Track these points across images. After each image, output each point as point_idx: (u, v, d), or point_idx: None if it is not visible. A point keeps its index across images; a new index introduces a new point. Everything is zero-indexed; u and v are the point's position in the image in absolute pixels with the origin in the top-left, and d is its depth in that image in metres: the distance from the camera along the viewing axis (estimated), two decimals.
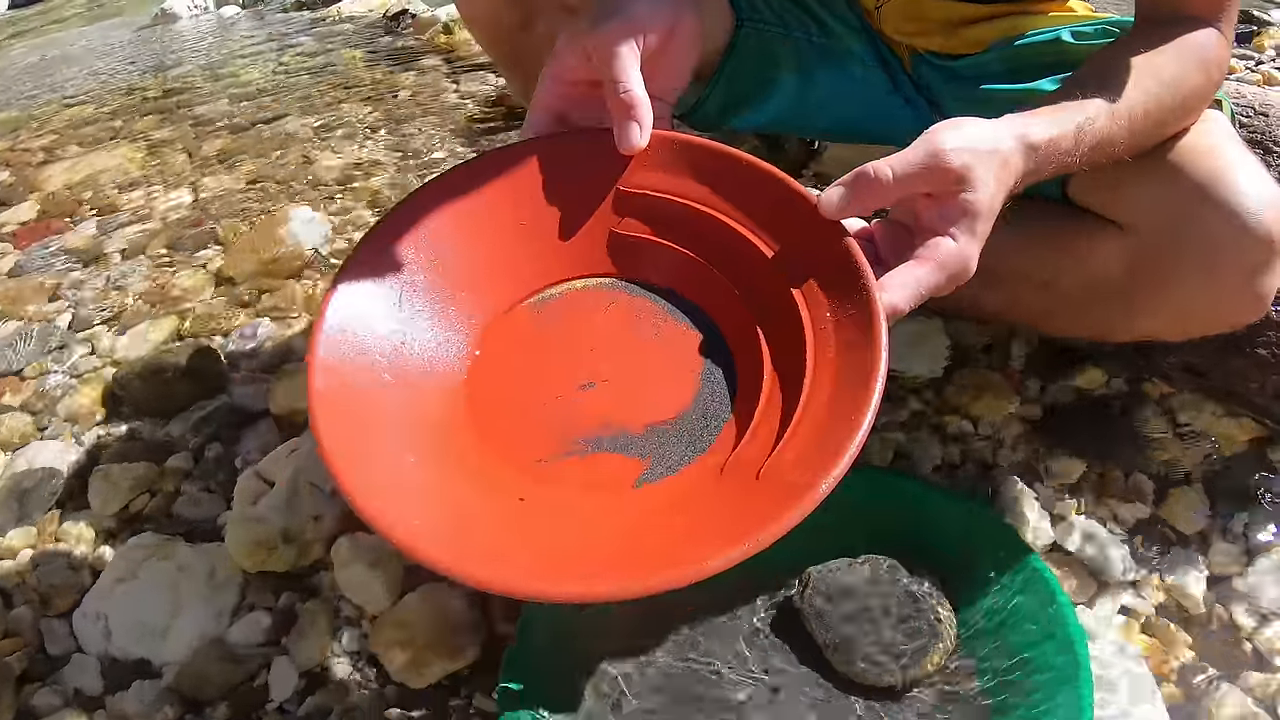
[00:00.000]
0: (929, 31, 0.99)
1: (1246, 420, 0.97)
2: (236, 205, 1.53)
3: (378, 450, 0.55)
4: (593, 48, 0.65)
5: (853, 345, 0.57)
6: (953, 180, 0.60)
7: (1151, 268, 0.79)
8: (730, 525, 0.50)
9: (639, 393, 0.62)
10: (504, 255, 0.66)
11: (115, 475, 1.01)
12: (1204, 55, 0.77)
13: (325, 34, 2.33)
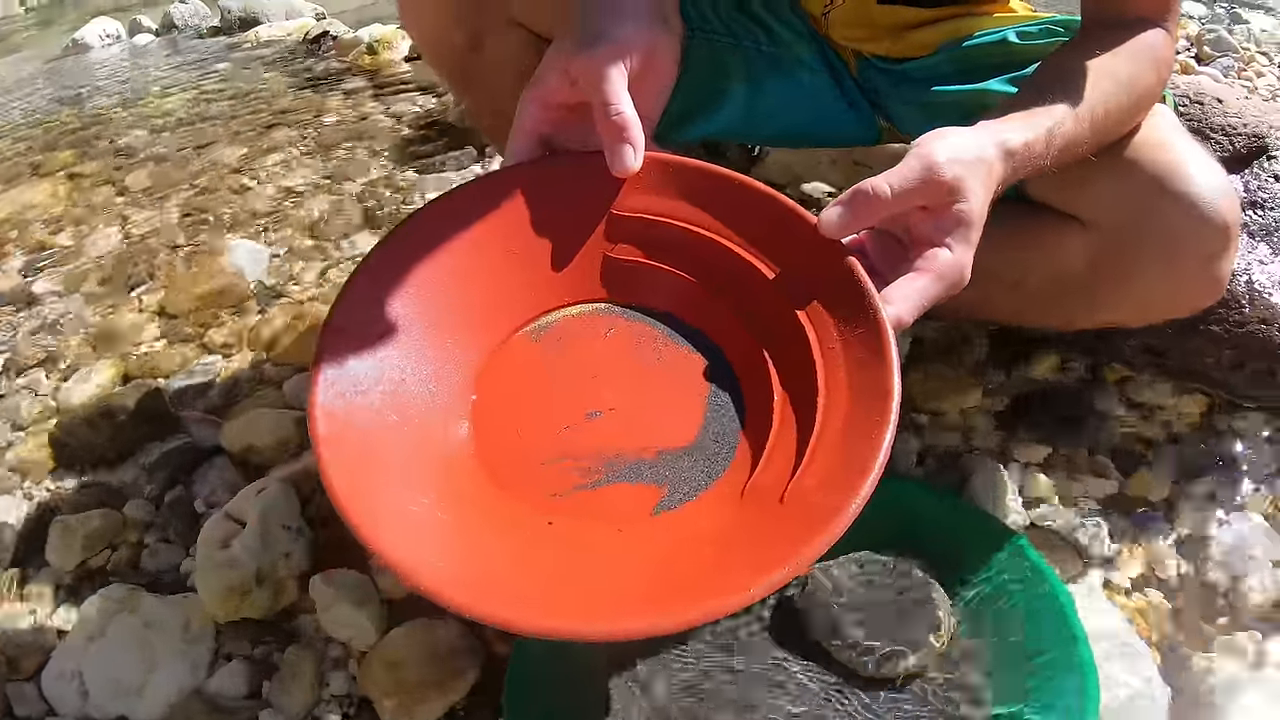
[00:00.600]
0: (877, 36, 0.99)
1: (1199, 395, 1.00)
2: (170, 239, 1.46)
3: (391, 494, 0.52)
4: (580, 70, 0.63)
5: (863, 364, 0.56)
6: (946, 192, 0.60)
7: (1114, 260, 0.81)
8: (762, 551, 0.49)
9: (647, 419, 0.60)
10: (497, 284, 0.64)
11: (73, 527, 0.95)
12: (1155, 55, 0.78)
13: (244, 59, 2.25)
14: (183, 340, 1.22)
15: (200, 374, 1.15)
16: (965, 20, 0.97)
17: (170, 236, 1.47)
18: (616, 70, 0.62)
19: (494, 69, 0.92)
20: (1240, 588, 0.84)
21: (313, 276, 1.33)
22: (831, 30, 1.01)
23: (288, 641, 0.84)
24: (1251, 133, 1.08)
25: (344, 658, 0.82)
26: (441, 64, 0.95)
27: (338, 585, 0.85)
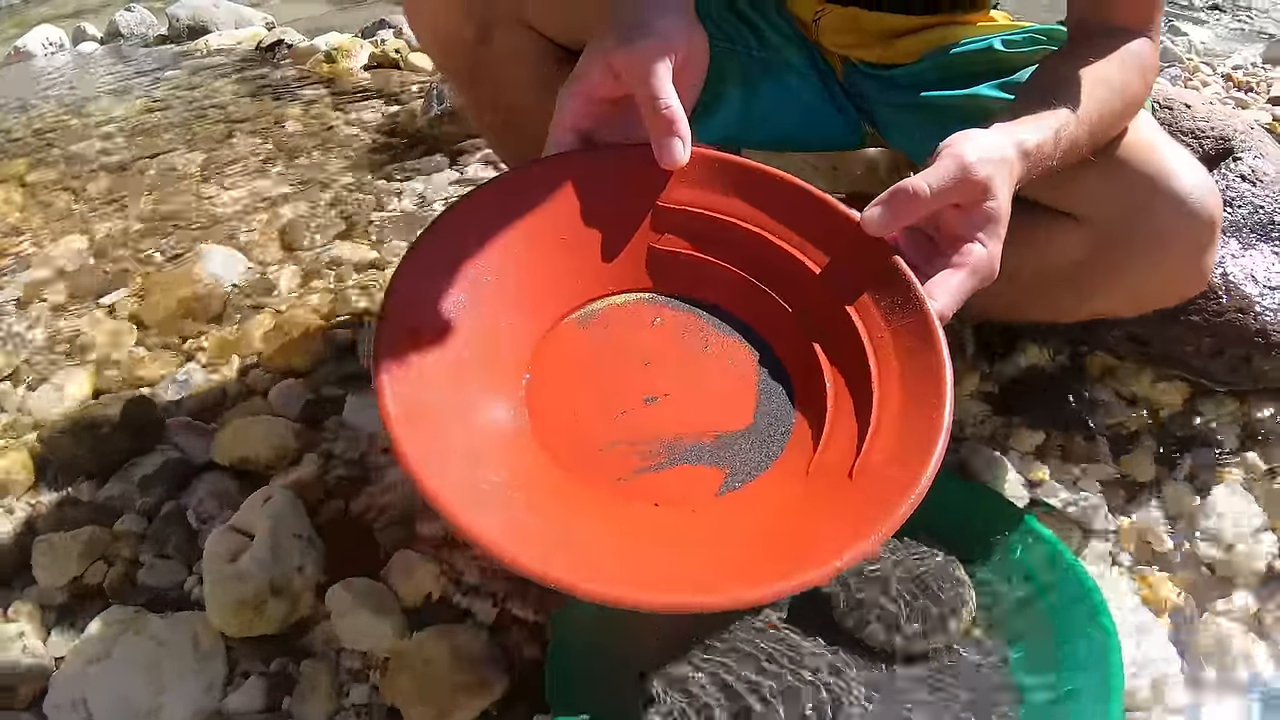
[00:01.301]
0: (866, 43, 1.00)
1: (1180, 382, 1.03)
2: (137, 247, 1.38)
3: (464, 473, 0.50)
4: (624, 64, 0.61)
5: (914, 351, 0.57)
6: (979, 191, 0.61)
7: (1107, 253, 0.83)
8: (842, 524, 0.49)
9: (702, 404, 0.59)
10: (545, 271, 0.61)
11: (60, 545, 0.88)
12: (1141, 63, 0.81)
13: (195, 67, 2.16)
14: (161, 349, 1.15)
15: (182, 383, 1.09)
16: (950, 29, 0.98)
17: (137, 244, 1.39)
18: (663, 64, 0.61)
19: (502, 64, 0.90)
20: (1230, 555, 0.87)
21: (289, 284, 1.27)
22: (821, 36, 1.00)
23: (302, 655, 0.79)
24: (1218, 135, 1.11)
25: (363, 668, 0.78)
26: (448, 58, 0.92)
27: (357, 594, 0.80)
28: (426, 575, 0.84)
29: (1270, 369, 1.00)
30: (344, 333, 1.15)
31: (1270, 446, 0.98)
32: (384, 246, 1.35)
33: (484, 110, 0.98)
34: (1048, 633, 0.73)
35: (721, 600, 0.45)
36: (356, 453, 0.98)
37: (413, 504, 0.91)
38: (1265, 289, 1.02)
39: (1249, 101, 1.77)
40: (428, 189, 1.52)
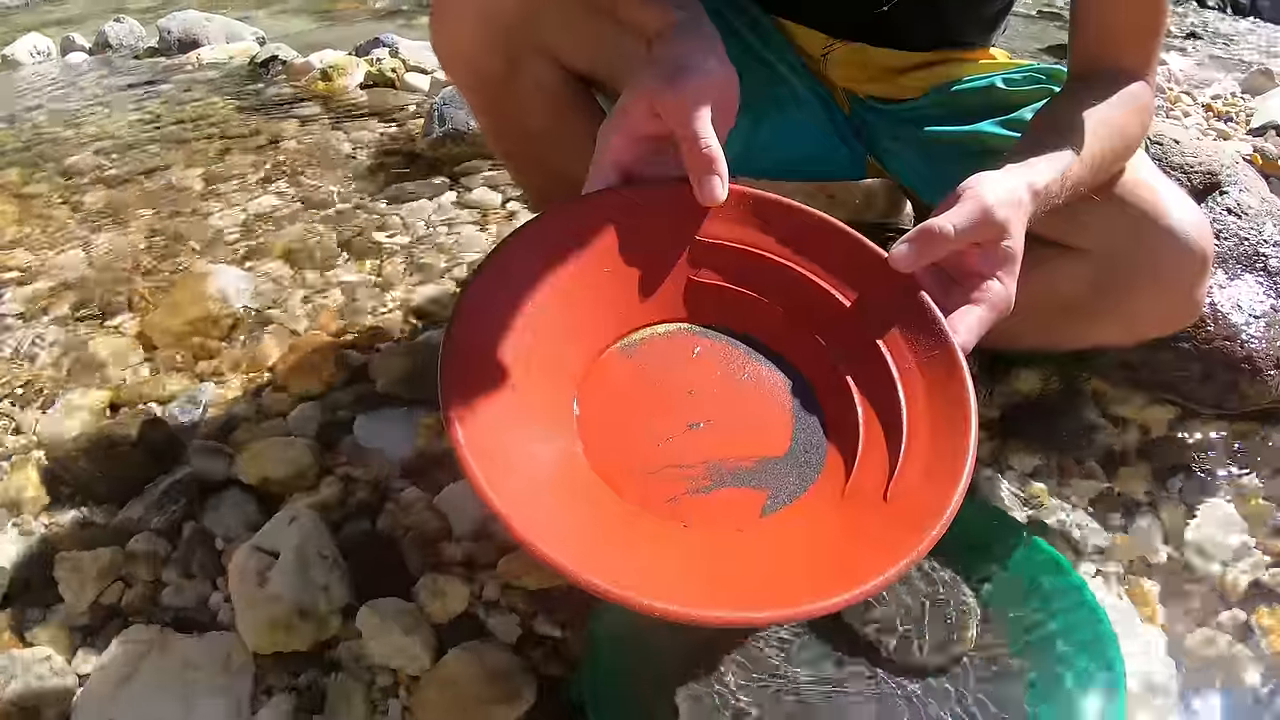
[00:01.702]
0: (872, 78, 1.04)
1: (1170, 406, 1.09)
2: (140, 263, 1.40)
3: (527, 494, 0.53)
4: (666, 105, 0.65)
5: (939, 382, 0.61)
6: (999, 232, 0.66)
7: (1106, 285, 0.88)
8: (886, 540, 0.53)
9: (742, 430, 0.63)
10: (594, 302, 0.65)
11: (84, 564, 0.89)
12: (1140, 105, 0.86)
13: (188, 82, 2.17)
14: (172, 368, 1.17)
15: (196, 403, 1.10)
16: (953, 66, 1.03)
17: (139, 261, 1.40)
18: (704, 106, 0.65)
19: (526, 94, 0.93)
20: (1220, 570, 0.92)
21: (298, 304, 1.29)
22: (829, 70, 1.05)
23: (330, 672, 0.81)
24: (1206, 170, 1.17)
25: (393, 685, 0.80)
26: (473, 87, 0.95)
27: (385, 614, 0.83)
28: (454, 595, 0.86)
29: (1255, 393, 1.05)
30: (356, 354, 1.18)
31: (1257, 466, 1.03)
32: (390, 268, 1.38)
33: (506, 139, 1.01)
34: (1053, 647, 0.77)
35: (783, 614, 0.50)
36: (375, 475, 1.00)
37: (435, 525, 0.94)
38: (1250, 317, 1.08)
39: (1229, 132, 1.84)
40: (431, 210, 1.54)
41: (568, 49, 0.92)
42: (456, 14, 0.90)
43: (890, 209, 1.39)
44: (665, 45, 0.70)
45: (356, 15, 3.35)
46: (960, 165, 0.76)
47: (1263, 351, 1.06)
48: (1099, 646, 0.76)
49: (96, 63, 2.36)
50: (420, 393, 1.11)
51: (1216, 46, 2.99)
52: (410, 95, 2.06)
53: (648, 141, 0.67)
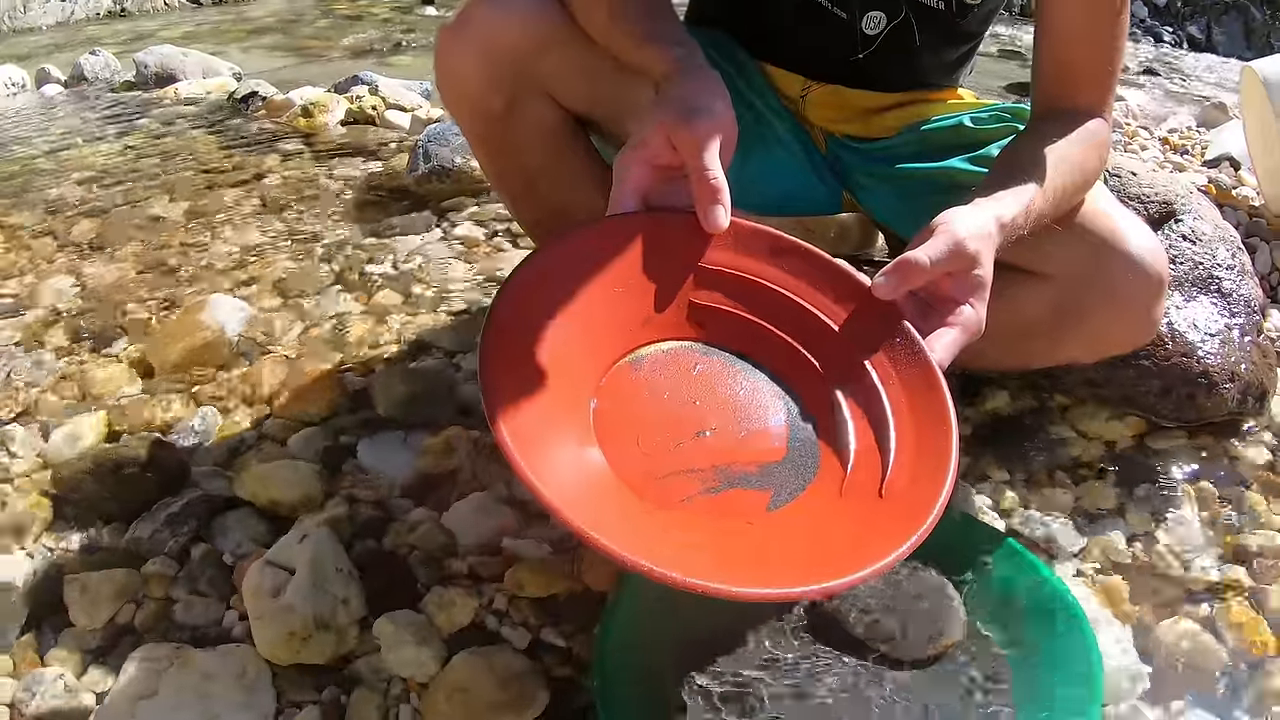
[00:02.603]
0: (848, 118, 1.13)
1: (1133, 419, 1.18)
2: (132, 293, 1.45)
3: (591, 506, 0.60)
4: (682, 139, 0.73)
5: (920, 393, 0.70)
6: (970, 262, 0.74)
7: (1070, 308, 0.97)
8: (884, 531, 0.61)
9: (744, 437, 0.70)
10: (605, 319, 0.72)
11: (94, 585, 0.94)
12: (1097, 141, 0.95)
13: (166, 116, 2.23)
14: (170, 395, 1.21)
15: (198, 429, 1.15)
16: (924, 105, 1.12)
17: (131, 291, 1.45)
18: (714, 141, 0.73)
19: (525, 132, 1.01)
20: (1184, 569, 1.01)
21: (294, 333, 1.35)
22: (807, 111, 1.14)
23: (348, 684, 0.86)
24: (1161, 200, 1.27)
25: (404, 693, 0.85)
26: (475, 126, 1.02)
27: (400, 625, 0.88)
28: (462, 606, 0.92)
29: (1212, 405, 1.15)
30: (355, 379, 1.23)
31: (1215, 473, 1.12)
32: (382, 299, 1.44)
33: (505, 174, 1.08)
34: (1034, 642, 0.84)
35: (796, 592, 0.58)
36: (379, 495, 1.06)
37: (441, 540, 0.99)
38: (1206, 335, 1.17)
39: (1185, 164, 1.96)
40: (419, 244, 1.61)
41: (567, 89, 0.99)
42: (461, 54, 0.97)
43: (864, 241, 1.48)
44: (676, 85, 0.78)
45: (330, 53, 3.43)
46: (931, 200, 0.84)
47: (1218, 367, 1.15)
48: (1077, 639, 0.83)
49: (72, 96, 2.41)
50: (419, 416, 1.17)
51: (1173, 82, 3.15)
52: (391, 132, 2.14)
53: (662, 171, 0.75)
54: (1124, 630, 0.93)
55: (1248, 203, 1.76)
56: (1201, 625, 0.94)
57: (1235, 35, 4.86)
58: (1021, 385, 1.23)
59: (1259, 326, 1.28)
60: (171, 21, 4.52)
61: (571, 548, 0.99)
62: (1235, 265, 1.28)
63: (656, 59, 0.83)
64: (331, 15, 4.66)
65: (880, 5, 1.03)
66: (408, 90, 2.30)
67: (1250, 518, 1.08)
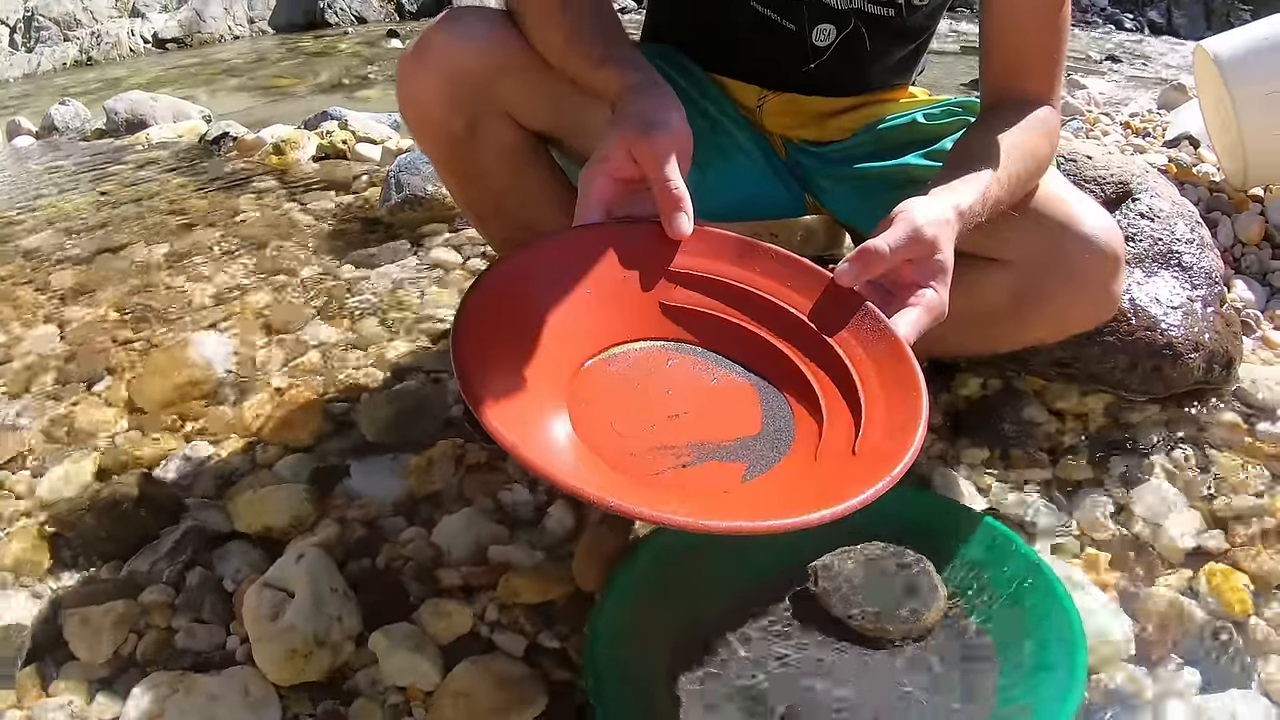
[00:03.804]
0: (804, 124, 1.18)
1: (1102, 395, 1.23)
2: (116, 335, 1.48)
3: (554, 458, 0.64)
4: (643, 152, 0.77)
5: (887, 364, 0.73)
6: (930, 248, 0.78)
7: (1033, 289, 1.01)
8: (857, 479, 0.63)
9: (718, 418, 0.74)
10: (577, 321, 0.75)
11: (95, 619, 0.97)
12: (1048, 129, 0.99)
13: (140, 161, 2.27)
14: (161, 431, 1.25)
15: (189, 462, 1.19)
16: (878, 106, 1.17)
17: (115, 333, 1.49)
18: (673, 154, 0.78)
19: (487, 153, 1.05)
20: (1162, 537, 1.05)
21: (278, 365, 1.39)
22: (765, 120, 1.18)
23: (349, 697, 0.89)
24: (1118, 180, 1.32)
25: (405, 702, 0.89)
26: (439, 150, 1.06)
27: (394, 637, 0.91)
28: (458, 616, 0.95)
29: (1179, 375, 1.19)
30: (340, 407, 1.27)
31: (1187, 442, 1.17)
32: (363, 327, 1.48)
33: (470, 194, 1.12)
34: (1014, 613, 0.88)
35: (777, 525, 0.59)
36: (370, 515, 1.09)
37: (432, 554, 1.03)
38: (1168, 309, 1.22)
39: (1146, 146, 2.02)
40: (396, 272, 1.65)
41: (526, 110, 1.03)
42: (421, 80, 1.01)
43: (830, 242, 1.53)
44: (632, 103, 0.83)
45: (297, 90, 3.48)
46: (889, 196, 0.88)
47: (1182, 338, 1.20)
48: (1057, 611, 0.86)
49: (44, 146, 2.45)
50: (405, 437, 1.21)
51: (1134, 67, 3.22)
52: (362, 165, 2.18)
53: (625, 184, 0.79)
54: (1106, 598, 0.97)
55: (1208, 179, 1.82)
56: (1182, 590, 0.98)
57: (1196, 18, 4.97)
58: (991, 370, 1.27)
59: (1222, 297, 1.33)
60: (138, 67, 4.58)
61: (563, 553, 1.02)
62: (1195, 239, 1.33)
63: (613, 79, 0.88)
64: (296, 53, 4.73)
65: (829, 18, 1.08)
66: (377, 123, 2.35)
67: (1224, 482, 1.12)
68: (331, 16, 6.05)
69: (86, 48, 5.15)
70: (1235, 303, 1.44)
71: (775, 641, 0.87)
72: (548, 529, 1.07)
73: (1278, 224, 1.65)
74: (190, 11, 5.64)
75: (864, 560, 0.91)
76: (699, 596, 0.90)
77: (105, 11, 5.41)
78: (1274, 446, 1.17)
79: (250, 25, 5.89)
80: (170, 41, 5.47)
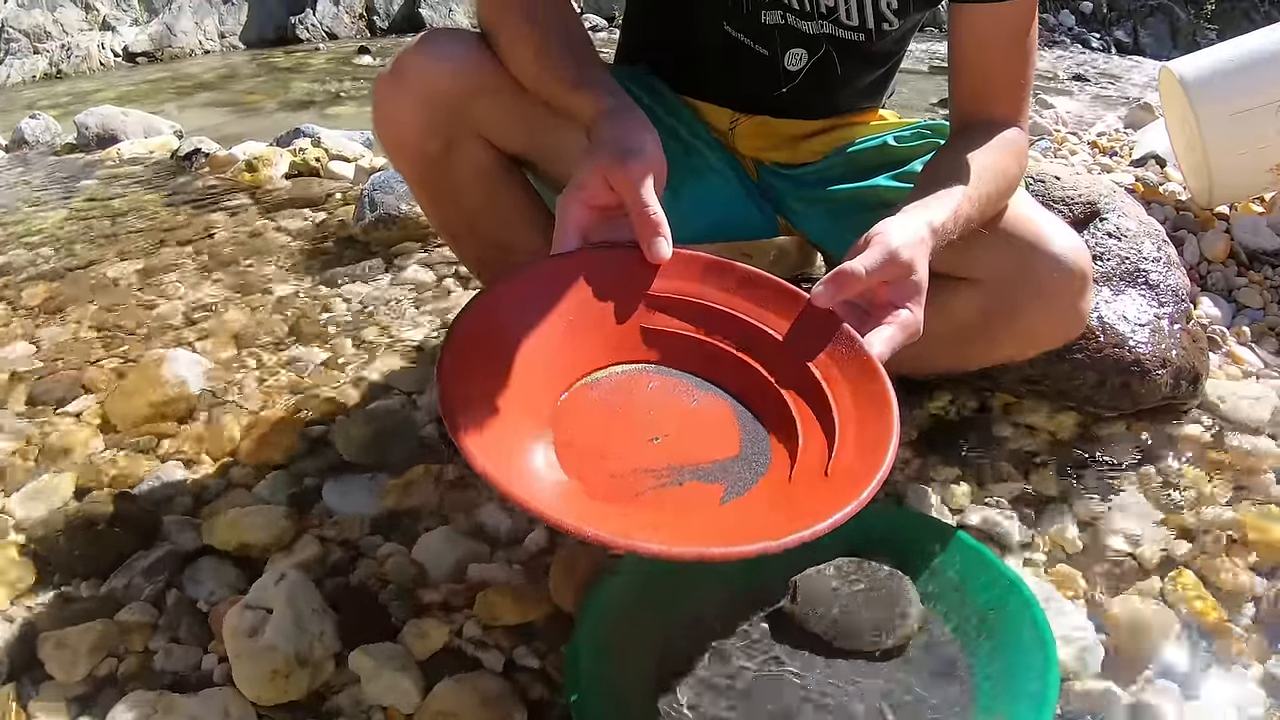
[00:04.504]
0: (776, 146, 1.21)
1: (1072, 411, 1.26)
2: (89, 353, 1.48)
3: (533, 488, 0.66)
4: (620, 179, 0.79)
5: (861, 383, 0.75)
6: (905, 269, 0.80)
7: (1003, 308, 1.03)
8: (830, 500, 0.66)
9: (698, 441, 0.76)
10: (560, 346, 0.77)
11: (71, 640, 0.96)
12: (1017, 149, 1.02)
13: (111, 176, 2.27)
14: (135, 451, 1.25)
15: (166, 481, 1.19)
16: (848, 129, 1.20)
17: (88, 351, 1.49)
18: (649, 180, 0.79)
19: (462, 174, 1.06)
20: (1132, 549, 1.08)
21: (253, 383, 1.39)
22: (737, 142, 1.21)
23: (329, 717, 0.89)
24: (1085, 200, 1.35)
25: None
26: (415, 170, 1.08)
27: (377, 656, 0.92)
28: (436, 635, 0.96)
29: (1147, 391, 1.23)
30: (317, 427, 1.28)
31: (1155, 457, 1.20)
32: (337, 346, 1.49)
33: (445, 215, 1.14)
34: (988, 626, 0.90)
35: (748, 550, 0.60)
36: (348, 535, 1.10)
37: (412, 573, 1.04)
38: (1136, 326, 1.25)
39: (1113, 165, 2.07)
40: (370, 291, 1.66)
41: (501, 132, 1.05)
42: (397, 102, 1.03)
43: (803, 262, 1.56)
44: (607, 129, 0.84)
45: (268, 106, 3.48)
46: (860, 218, 0.90)
47: (1149, 355, 1.23)
48: (1029, 624, 0.88)
49: (14, 160, 2.43)
50: (381, 457, 1.22)
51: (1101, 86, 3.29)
52: (335, 183, 2.19)
53: (601, 211, 0.81)
54: (1078, 609, 0.99)
55: (1175, 197, 1.86)
56: (1153, 601, 1.01)
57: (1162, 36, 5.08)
58: (964, 388, 1.30)
59: (1188, 314, 1.36)
60: (109, 81, 4.56)
61: (541, 572, 1.03)
62: (1161, 257, 1.36)
63: (587, 104, 0.89)
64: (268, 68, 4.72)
65: (801, 43, 1.10)
66: (350, 141, 2.36)
67: (1192, 495, 1.15)
68: (303, 32, 6.06)
69: (56, 60, 5.12)
70: (1202, 319, 1.48)
71: (753, 656, 0.88)
72: (526, 546, 1.08)
73: (1243, 241, 1.70)
74: (161, 25, 5.62)
75: (840, 575, 0.93)
76: (678, 613, 0.91)
77: (76, 24, 5.38)
78: (1240, 460, 1.21)
79: (221, 40, 5.88)
80: (141, 55, 5.45)
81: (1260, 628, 0.98)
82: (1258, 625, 0.98)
